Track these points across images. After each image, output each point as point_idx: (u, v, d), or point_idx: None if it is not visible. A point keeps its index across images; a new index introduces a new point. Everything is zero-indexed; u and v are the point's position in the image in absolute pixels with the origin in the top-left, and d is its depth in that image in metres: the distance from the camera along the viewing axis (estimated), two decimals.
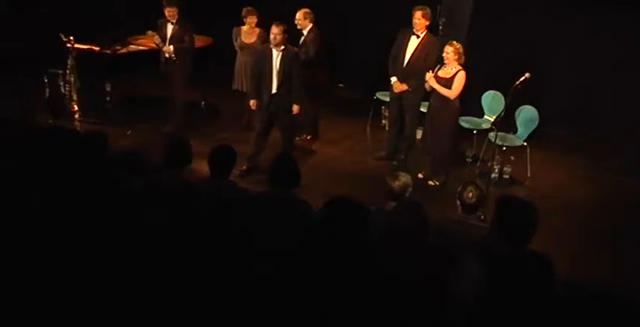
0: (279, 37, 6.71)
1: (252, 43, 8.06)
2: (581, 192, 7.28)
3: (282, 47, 6.78)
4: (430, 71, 6.75)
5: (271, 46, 6.80)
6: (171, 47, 7.83)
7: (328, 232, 3.37)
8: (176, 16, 7.79)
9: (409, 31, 7.20)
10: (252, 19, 8.05)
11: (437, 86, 6.70)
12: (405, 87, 7.29)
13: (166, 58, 7.91)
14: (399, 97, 7.44)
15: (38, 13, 9.48)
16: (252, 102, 7.13)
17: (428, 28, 7.17)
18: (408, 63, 7.23)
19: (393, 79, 7.34)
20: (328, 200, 3.48)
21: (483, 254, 3.47)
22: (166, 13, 7.80)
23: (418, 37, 7.17)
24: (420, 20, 7.07)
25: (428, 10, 7.10)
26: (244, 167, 7.06)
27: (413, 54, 7.19)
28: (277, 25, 6.71)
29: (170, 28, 7.86)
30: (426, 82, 6.82)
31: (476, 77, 6.85)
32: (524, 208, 3.50)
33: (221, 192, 4.52)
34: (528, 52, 8.45)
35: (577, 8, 8.28)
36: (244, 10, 8.09)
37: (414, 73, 7.20)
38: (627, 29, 8.10)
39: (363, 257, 3.32)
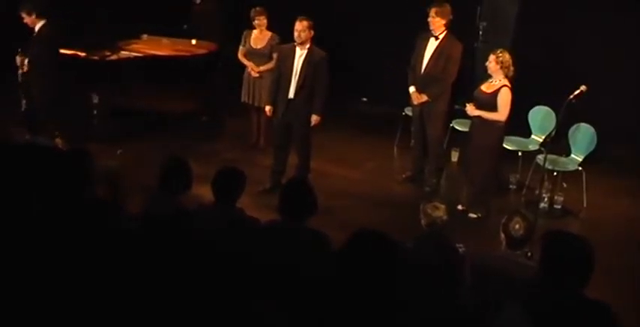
0: (303, 34, 6.79)
1: (261, 49, 8.14)
2: None
3: (307, 46, 6.87)
4: (471, 104, 6.72)
5: (295, 44, 6.89)
6: (19, 58, 7.69)
7: (350, 268, 3.35)
8: (37, 24, 7.52)
9: (427, 34, 7.25)
10: (261, 21, 8.12)
11: (480, 113, 6.66)
12: (424, 97, 7.29)
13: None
14: (420, 110, 7.44)
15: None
16: (267, 108, 7.23)
17: (447, 27, 7.18)
18: (426, 69, 7.26)
19: (412, 88, 7.36)
20: (353, 233, 3.45)
21: (530, 301, 3.42)
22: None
23: (437, 39, 7.20)
24: (434, 18, 7.10)
25: (446, 7, 7.12)
26: (268, 185, 7.13)
27: (431, 58, 7.22)
28: (301, 21, 6.81)
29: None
30: (463, 107, 6.85)
31: (522, 90, 6.81)
32: (577, 245, 3.44)
33: (226, 221, 4.52)
34: (584, 61, 8.41)
35: None
36: (252, 11, 8.17)
37: (434, 81, 7.22)
38: None
39: (386, 296, 3.30)
